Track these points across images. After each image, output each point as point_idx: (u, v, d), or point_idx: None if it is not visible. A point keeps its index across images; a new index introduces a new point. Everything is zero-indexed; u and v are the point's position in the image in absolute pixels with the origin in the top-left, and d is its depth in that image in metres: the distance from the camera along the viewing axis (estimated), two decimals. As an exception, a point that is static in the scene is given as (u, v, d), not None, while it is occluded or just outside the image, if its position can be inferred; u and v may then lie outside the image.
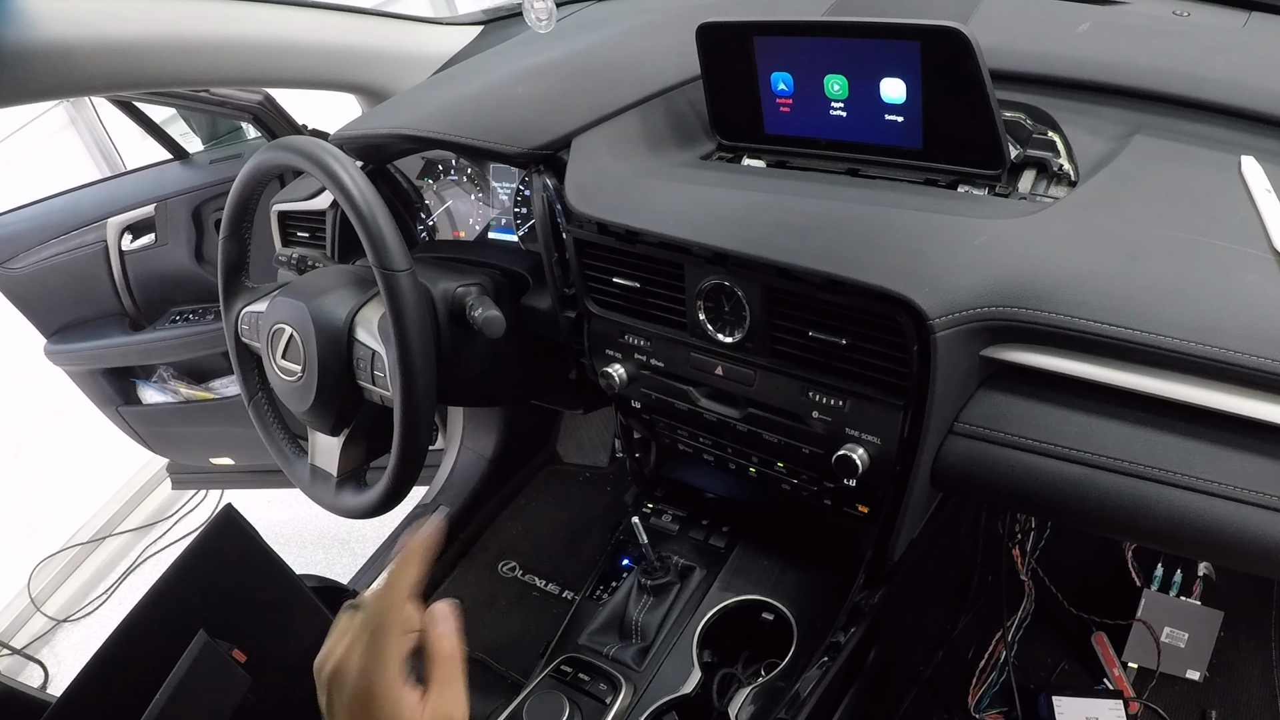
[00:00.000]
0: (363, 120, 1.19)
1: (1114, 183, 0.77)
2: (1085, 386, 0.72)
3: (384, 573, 0.54)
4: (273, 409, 1.16)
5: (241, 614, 1.01)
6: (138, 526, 2.55)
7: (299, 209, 1.31)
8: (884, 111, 0.86)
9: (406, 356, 0.90)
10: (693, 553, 1.13)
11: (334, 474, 1.08)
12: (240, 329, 1.12)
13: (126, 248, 1.80)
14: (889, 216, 0.81)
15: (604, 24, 1.27)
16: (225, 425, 1.93)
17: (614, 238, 0.93)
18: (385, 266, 0.89)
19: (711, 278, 0.87)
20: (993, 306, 0.71)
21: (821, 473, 0.92)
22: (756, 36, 0.90)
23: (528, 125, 1.02)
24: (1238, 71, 0.86)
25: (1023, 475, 0.74)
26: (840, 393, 0.84)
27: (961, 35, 0.76)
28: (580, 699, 0.98)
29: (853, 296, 0.76)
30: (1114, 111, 0.87)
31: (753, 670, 1.03)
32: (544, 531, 1.74)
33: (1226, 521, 0.66)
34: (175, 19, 1.06)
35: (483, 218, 1.26)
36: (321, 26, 1.26)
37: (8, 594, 2.35)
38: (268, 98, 1.59)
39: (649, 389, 1.01)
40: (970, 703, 1.29)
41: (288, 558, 1.08)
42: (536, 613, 1.57)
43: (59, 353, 1.90)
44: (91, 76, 0.99)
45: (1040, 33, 0.97)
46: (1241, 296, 0.65)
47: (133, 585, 2.39)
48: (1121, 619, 1.29)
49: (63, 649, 2.26)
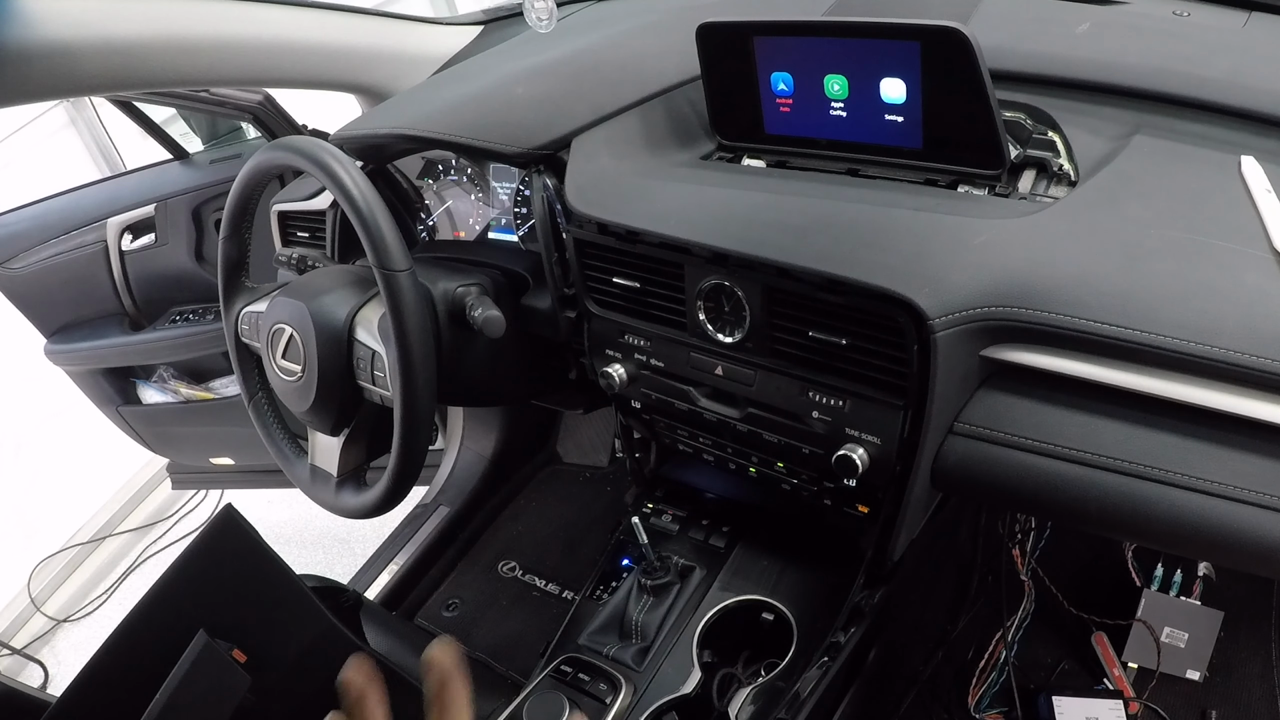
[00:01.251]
0: (363, 120, 1.19)
1: (1114, 183, 0.77)
2: (1085, 386, 0.72)
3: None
4: (273, 409, 1.16)
5: (241, 614, 1.01)
6: (138, 526, 2.55)
7: (299, 209, 1.31)
8: (884, 111, 0.86)
9: (406, 356, 0.90)
10: (693, 553, 1.13)
11: (334, 474, 1.08)
12: (240, 329, 1.12)
13: (126, 248, 1.80)
14: (889, 216, 0.81)
15: (604, 24, 1.27)
16: (225, 425, 1.93)
17: (614, 238, 0.93)
18: (385, 266, 0.89)
19: (711, 278, 0.87)
20: (993, 306, 0.71)
21: (821, 473, 0.92)
22: (756, 36, 0.90)
23: (528, 125, 1.02)
24: (1238, 71, 0.86)
25: (1023, 475, 0.74)
26: (840, 393, 0.84)
27: (961, 35, 0.76)
28: (580, 699, 0.98)
29: (853, 296, 0.76)
30: (1114, 111, 0.87)
31: (753, 670, 1.03)
32: (544, 531, 1.74)
33: (1226, 521, 0.66)
34: (175, 19, 1.06)
35: (483, 218, 1.26)
36: (321, 26, 1.26)
37: (8, 594, 2.35)
38: (268, 98, 1.59)
39: (649, 389, 1.01)
40: (970, 703, 1.29)
41: (288, 558, 1.08)
42: (536, 613, 1.57)
43: (59, 353, 1.90)
44: (91, 76, 0.99)
45: (1040, 33, 0.97)
46: (1242, 296, 0.65)
47: (133, 585, 2.39)
48: (1121, 619, 1.29)
49: (63, 649, 2.27)
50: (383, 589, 1.62)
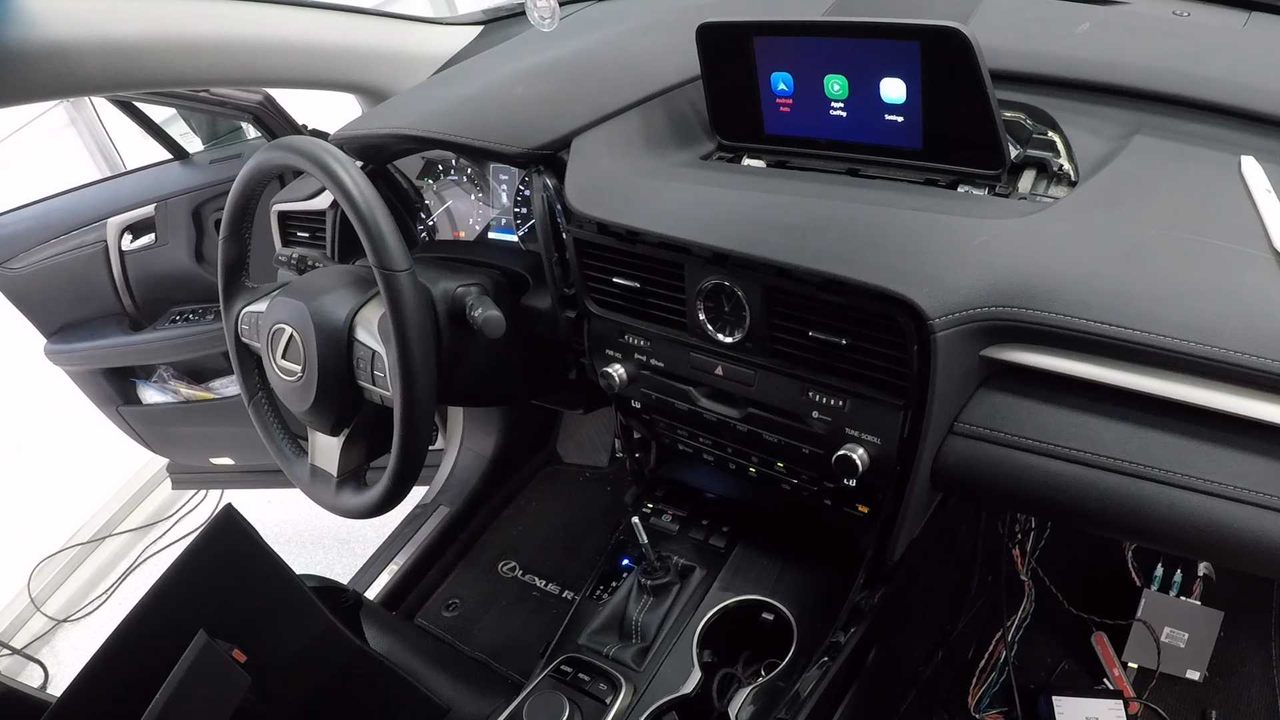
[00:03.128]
0: (363, 120, 1.20)
1: (1114, 183, 0.77)
2: (1085, 386, 0.72)
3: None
4: (273, 409, 1.16)
5: (241, 614, 1.01)
6: (138, 526, 2.56)
7: (299, 209, 1.31)
8: (884, 111, 0.86)
9: (406, 356, 0.91)
10: (693, 553, 1.13)
11: (334, 474, 1.08)
12: (240, 329, 1.12)
13: (126, 248, 1.80)
14: (889, 216, 0.81)
15: (604, 24, 1.27)
16: (225, 425, 1.93)
17: (614, 238, 0.93)
18: (385, 266, 0.89)
19: (711, 278, 0.87)
20: (993, 306, 0.71)
21: (821, 473, 0.92)
22: (756, 36, 0.90)
23: (528, 125, 1.02)
24: (1238, 71, 0.86)
25: (1023, 475, 0.74)
26: (840, 393, 0.84)
27: (961, 35, 0.76)
28: (580, 699, 0.98)
29: (853, 296, 0.77)
30: (1114, 111, 0.87)
31: (753, 670, 1.03)
32: (544, 531, 1.75)
33: (1226, 521, 0.66)
34: (175, 19, 1.06)
35: (483, 218, 1.26)
36: (321, 26, 1.26)
37: (8, 594, 2.35)
38: (268, 98, 1.59)
39: (649, 389, 1.01)
40: (970, 703, 1.29)
41: (288, 558, 1.08)
42: (536, 613, 1.57)
43: (59, 353, 1.90)
44: (91, 76, 0.99)
45: (1040, 33, 0.97)
46: (1241, 296, 0.65)
47: (133, 585, 2.39)
48: (1121, 619, 1.29)
49: (63, 649, 2.27)
50: (383, 589, 1.62)
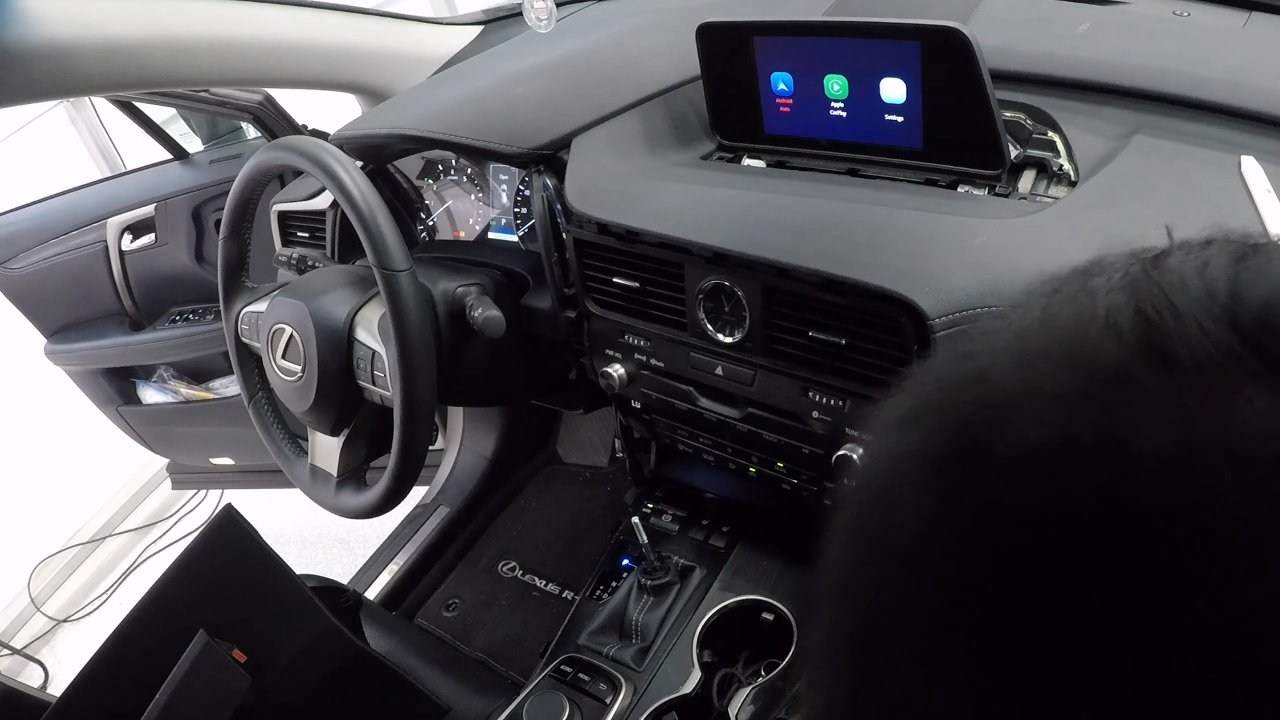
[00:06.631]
0: (363, 120, 1.20)
1: (1114, 183, 0.77)
2: (1085, 386, 0.71)
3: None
4: (273, 409, 1.16)
5: (241, 614, 1.01)
6: (138, 526, 2.55)
7: (299, 209, 1.30)
8: (884, 111, 0.86)
9: (406, 356, 0.91)
10: (693, 553, 1.13)
11: (334, 474, 1.08)
12: (240, 329, 1.12)
13: (126, 248, 1.80)
14: (889, 216, 0.81)
15: (604, 24, 1.27)
16: (225, 425, 1.93)
17: (614, 238, 0.93)
18: (385, 266, 0.89)
19: (711, 278, 0.87)
20: (993, 306, 0.71)
21: (821, 473, 0.92)
22: (756, 36, 0.90)
23: (528, 125, 1.02)
24: (1238, 71, 0.86)
25: (1023, 475, 0.74)
26: (840, 393, 0.84)
27: (961, 35, 0.76)
28: (580, 699, 0.98)
29: (853, 296, 0.76)
30: (1114, 111, 0.87)
31: (753, 670, 1.03)
32: (544, 531, 1.74)
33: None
34: (175, 19, 1.06)
35: (483, 218, 1.26)
36: (321, 27, 1.26)
37: (8, 594, 2.35)
38: (268, 98, 1.59)
39: (649, 389, 1.01)
40: (970, 703, 1.29)
41: (288, 558, 1.08)
42: (536, 613, 1.57)
43: (59, 353, 1.90)
44: (91, 76, 0.99)
45: (1040, 33, 0.97)
46: (1241, 296, 0.65)
47: (133, 585, 2.39)
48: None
49: (63, 649, 2.26)
50: (383, 589, 1.62)
